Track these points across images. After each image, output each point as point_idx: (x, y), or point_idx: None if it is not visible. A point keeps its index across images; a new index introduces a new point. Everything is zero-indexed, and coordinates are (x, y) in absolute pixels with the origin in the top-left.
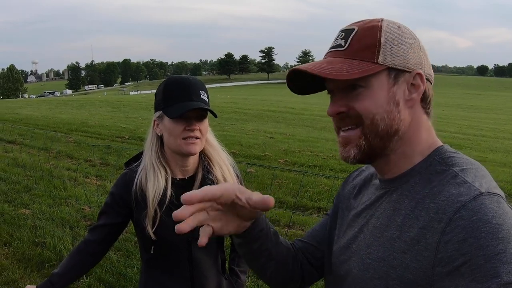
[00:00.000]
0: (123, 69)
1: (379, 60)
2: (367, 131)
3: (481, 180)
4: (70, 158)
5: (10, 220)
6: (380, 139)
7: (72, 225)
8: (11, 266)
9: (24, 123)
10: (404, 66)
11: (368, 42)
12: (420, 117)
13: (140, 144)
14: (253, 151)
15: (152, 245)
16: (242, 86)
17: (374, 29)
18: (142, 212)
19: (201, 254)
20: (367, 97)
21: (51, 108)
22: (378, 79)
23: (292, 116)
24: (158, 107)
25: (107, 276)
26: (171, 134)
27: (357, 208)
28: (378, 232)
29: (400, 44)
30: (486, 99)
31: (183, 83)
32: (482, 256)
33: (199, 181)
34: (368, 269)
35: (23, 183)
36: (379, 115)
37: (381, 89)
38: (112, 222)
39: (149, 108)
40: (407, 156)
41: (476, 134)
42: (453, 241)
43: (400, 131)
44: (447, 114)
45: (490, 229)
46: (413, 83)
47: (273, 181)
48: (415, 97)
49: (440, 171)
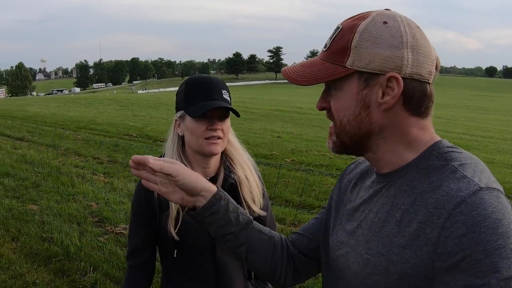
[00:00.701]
0: (131, 67)
1: (347, 64)
2: (337, 130)
3: (480, 175)
4: (78, 155)
5: (18, 215)
6: (350, 138)
7: (79, 221)
8: (18, 260)
9: (32, 120)
10: (375, 69)
11: (341, 45)
12: (403, 118)
13: (147, 142)
14: (260, 150)
15: (175, 248)
16: (250, 86)
17: (350, 30)
18: (165, 214)
19: (227, 257)
20: (338, 98)
21: (59, 106)
22: (348, 82)
23: (300, 116)
24: (180, 106)
25: (114, 271)
26: (193, 134)
27: (354, 202)
28: (377, 227)
29: (375, 45)
30: (494, 101)
31: (204, 82)
32: (482, 251)
33: (221, 181)
34: (368, 265)
35: (31, 179)
36: (346, 117)
37: (350, 92)
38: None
39: (156, 107)
40: (396, 154)
41: (484, 136)
42: (453, 236)
43: (375, 132)
44: (455, 116)
45: (489, 224)
46: (389, 85)
47: (278, 179)
48: (389, 100)
49: (438, 166)
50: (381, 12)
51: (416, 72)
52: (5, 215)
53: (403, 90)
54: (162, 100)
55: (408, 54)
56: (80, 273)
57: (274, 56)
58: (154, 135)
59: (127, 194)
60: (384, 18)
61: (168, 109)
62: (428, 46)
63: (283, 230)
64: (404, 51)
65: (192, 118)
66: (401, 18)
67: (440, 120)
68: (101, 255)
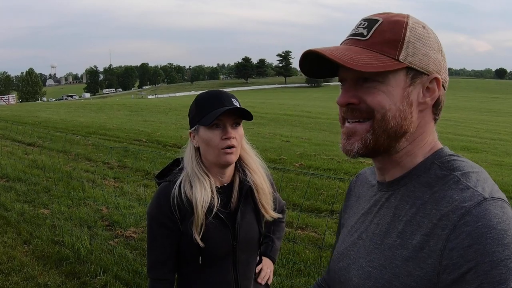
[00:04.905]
0: (141, 73)
1: (400, 58)
2: (376, 126)
3: (483, 184)
4: (89, 160)
5: (30, 219)
6: (388, 136)
7: (90, 224)
8: (30, 263)
9: (43, 126)
10: (423, 68)
11: (391, 37)
12: (428, 122)
13: (157, 147)
14: (268, 154)
15: (200, 254)
16: (259, 90)
17: (399, 24)
18: (188, 221)
19: (245, 256)
20: (382, 92)
21: (69, 112)
22: (396, 76)
23: (309, 120)
24: (193, 122)
25: (123, 274)
26: (208, 145)
27: (357, 213)
28: (378, 239)
29: (423, 45)
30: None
31: (214, 94)
32: (488, 263)
33: (237, 186)
34: (369, 278)
35: (43, 184)
36: (391, 112)
37: (397, 86)
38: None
39: (166, 112)
40: (411, 156)
41: (494, 138)
42: (458, 248)
43: (409, 132)
44: (465, 118)
45: (495, 235)
46: (429, 86)
47: (285, 183)
48: (428, 102)
49: (441, 176)
50: (412, 16)
51: (445, 79)
52: (17, 219)
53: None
54: (172, 105)
55: (442, 60)
56: (90, 275)
57: (283, 60)
58: (163, 140)
59: (137, 199)
60: (420, 23)
61: (178, 114)
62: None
63: (290, 233)
64: (440, 56)
65: (206, 127)
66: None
67: (449, 123)
68: (111, 258)
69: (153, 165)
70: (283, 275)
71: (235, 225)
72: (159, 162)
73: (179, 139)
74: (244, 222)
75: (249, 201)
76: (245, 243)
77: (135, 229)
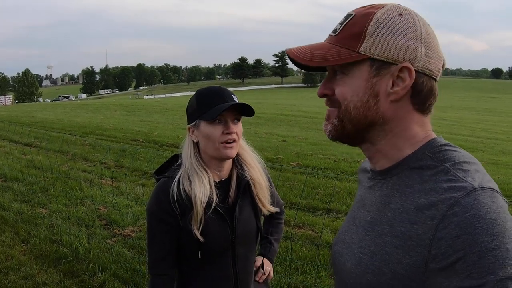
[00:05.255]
0: (137, 73)
1: (361, 50)
2: (341, 115)
3: (474, 175)
4: (86, 160)
5: (27, 218)
6: (353, 125)
7: (87, 224)
8: (29, 262)
9: (40, 126)
10: (388, 58)
11: (356, 30)
12: (408, 112)
13: (154, 147)
14: (265, 154)
15: (199, 249)
16: (255, 90)
17: (366, 17)
18: (188, 216)
19: (244, 251)
20: (345, 84)
21: (66, 112)
22: (359, 68)
23: (305, 120)
24: (193, 116)
25: (122, 272)
26: (209, 139)
27: (356, 199)
28: (369, 226)
29: (391, 34)
30: (501, 102)
31: (214, 90)
32: (476, 253)
33: (235, 181)
34: (360, 264)
35: (40, 184)
36: (352, 103)
37: (360, 78)
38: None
39: (163, 112)
40: (396, 148)
41: (490, 137)
42: (447, 238)
43: (379, 123)
44: (461, 117)
45: (484, 225)
46: (400, 76)
47: (282, 182)
48: (399, 91)
49: (431, 166)
50: (396, 4)
51: (427, 67)
52: (15, 219)
53: (413, 83)
54: (169, 105)
55: (422, 47)
56: (89, 273)
57: (279, 61)
58: (160, 140)
59: (134, 198)
60: (400, 11)
61: (175, 114)
62: (438, 43)
63: (288, 232)
64: (418, 44)
65: (208, 122)
66: (414, 13)
67: (445, 122)
68: (109, 257)
69: (150, 164)
70: (281, 273)
71: (233, 220)
72: (156, 162)
73: (176, 139)
74: (242, 216)
75: (247, 195)
76: (243, 237)
77: (133, 228)
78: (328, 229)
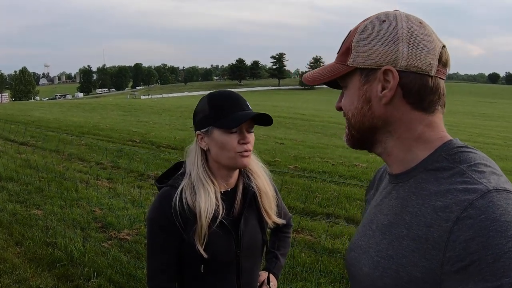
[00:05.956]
0: (134, 73)
1: (349, 62)
2: (348, 124)
3: (489, 177)
4: (82, 160)
5: (22, 220)
6: (357, 132)
7: (83, 226)
8: (22, 265)
9: (36, 125)
10: (371, 64)
11: (346, 46)
12: (405, 112)
13: (150, 148)
14: (263, 156)
15: (202, 262)
16: (253, 92)
17: (354, 31)
18: (191, 229)
19: (249, 264)
20: (346, 95)
21: (63, 111)
22: (351, 79)
23: (303, 123)
24: (204, 123)
25: (117, 277)
26: (223, 148)
27: (372, 204)
28: (387, 230)
29: (371, 42)
30: (497, 107)
31: (230, 95)
32: (490, 255)
33: (241, 191)
34: (378, 267)
35: (35, 184)
36: (351, 111)
37: (353, 88)
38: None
39: (160, 113)
40: (406, 150)
41: (487, 142)
42: (461, 240)
43: (380, 126)
44: (458, 122)
45: (498, 227)
46: (386, 78)
47: (282, 186)
48: (386, 93)
49: (447, 168)
50: (384, 12)
51: (412, 65)
52: (9, 220)
53: (400, 82)
54: (166, 106)
55: (404, 48)
56: (83, 278)
57: (277, 63)
58: (157, 141)
59: (131, 200)
60: (384, 17)
61: (171, 115)
62: (429, 39)
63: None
64: (399, 45)
65: (223, 131)
66: (401, 15)
67: None
68: (104, 261)
69: (147, 166)
70: (280, 280)
71: (238, 232)
72: (153, 163)
73: (173, 140)
74: (247, 228)
75: (252, 207)
76: (248, 251)
77: (129, 231)
78: (327, 235)
